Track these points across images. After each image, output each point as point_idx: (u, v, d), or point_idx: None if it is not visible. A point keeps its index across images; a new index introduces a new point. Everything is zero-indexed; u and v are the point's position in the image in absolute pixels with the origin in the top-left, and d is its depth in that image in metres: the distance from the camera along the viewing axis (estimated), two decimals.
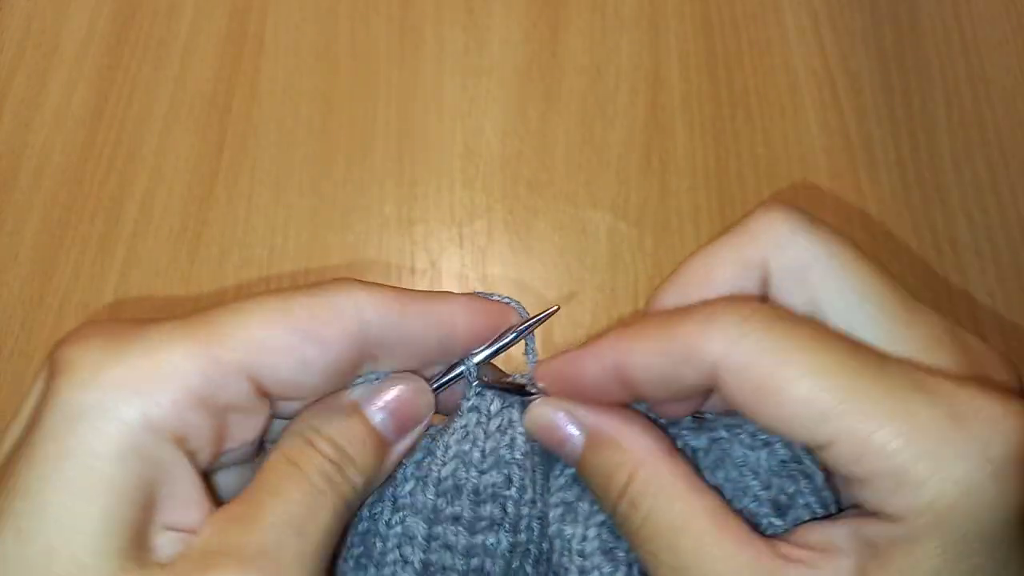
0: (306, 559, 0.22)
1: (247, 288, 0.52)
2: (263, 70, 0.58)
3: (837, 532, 0.22)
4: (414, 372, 0.27)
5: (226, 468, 0.25)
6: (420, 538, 0.27)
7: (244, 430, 0.23)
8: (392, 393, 0.26)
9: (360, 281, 0.25)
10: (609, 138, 0.55)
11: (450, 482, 0.27)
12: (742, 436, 0.27)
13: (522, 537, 0.28)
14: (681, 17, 0.59)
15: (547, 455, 0.29)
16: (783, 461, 0.26)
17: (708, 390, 0.24)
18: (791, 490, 0.25)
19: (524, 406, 0.28)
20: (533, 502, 0.28)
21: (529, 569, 0.28)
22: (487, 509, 0.27)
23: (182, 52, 0.59)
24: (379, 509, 0.28)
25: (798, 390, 0.21)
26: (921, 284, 0.50)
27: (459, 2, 0.60)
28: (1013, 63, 0.57)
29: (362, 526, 0.28)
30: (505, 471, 0.28)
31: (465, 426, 0.28)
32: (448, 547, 0.27)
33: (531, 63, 0.58)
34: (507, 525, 0.27)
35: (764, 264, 0.24)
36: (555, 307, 0.29)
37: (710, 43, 0.58)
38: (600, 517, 0.27)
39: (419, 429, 0.27)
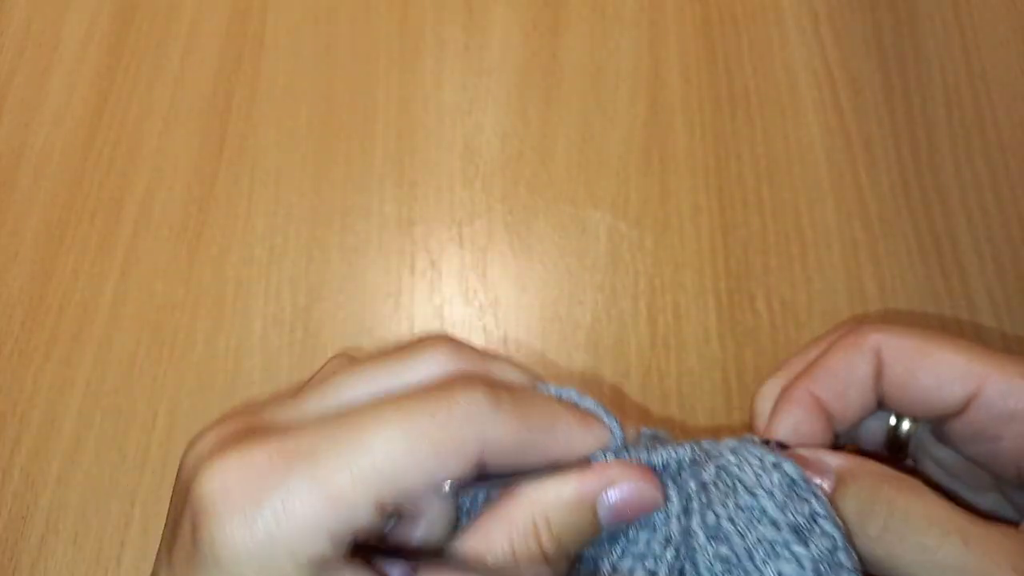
0: None
1: (247, 287, 0.52)
2: (263, 70, 0.58)
3: None
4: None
5: None
6: None
7: (371, 534, 0.25)
8: (627, 493, 0.26)
9: (485, 391, 0.25)
10: (609, 138, 0.55)
11: None
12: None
13: None
14: (681, 17, 0.59)
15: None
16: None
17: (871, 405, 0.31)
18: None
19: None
20: None
21: None
22: None
23: (182, 52, 0.59)
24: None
25: (945, 353, 0.29)
26: (921, 284, 0.50)
27: (459, 2, 0.60)
28: (1013, 63, 0.57)
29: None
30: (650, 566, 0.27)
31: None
32: None
33: (531, 63, 0.58)
34: None
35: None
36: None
37: (710, 43, 0.58)
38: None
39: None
